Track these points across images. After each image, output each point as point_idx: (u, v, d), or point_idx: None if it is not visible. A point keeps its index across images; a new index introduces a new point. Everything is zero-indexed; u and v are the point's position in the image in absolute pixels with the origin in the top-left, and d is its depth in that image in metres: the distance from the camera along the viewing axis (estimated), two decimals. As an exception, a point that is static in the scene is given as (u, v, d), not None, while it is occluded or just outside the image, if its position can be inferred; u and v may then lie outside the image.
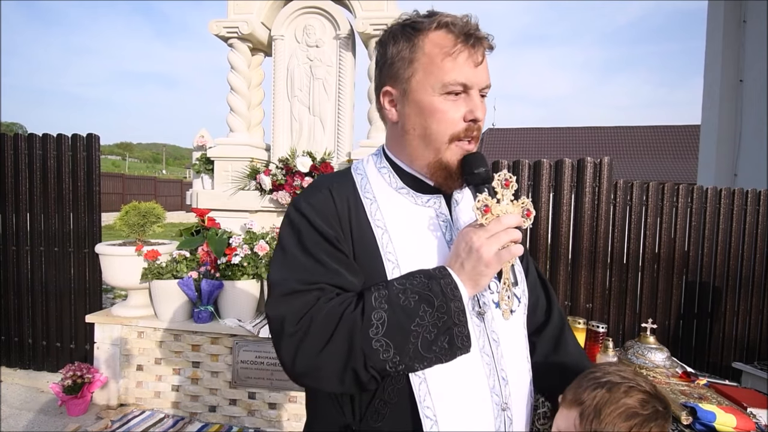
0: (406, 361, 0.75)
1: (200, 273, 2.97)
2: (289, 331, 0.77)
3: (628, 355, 1.86)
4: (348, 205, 0.86)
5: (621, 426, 0.74)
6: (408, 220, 0.87)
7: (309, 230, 0.83)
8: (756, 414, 1.46)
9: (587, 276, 3.13)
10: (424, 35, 0.83)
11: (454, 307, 0.76)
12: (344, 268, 0.82)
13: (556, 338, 1.00)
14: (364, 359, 0.73)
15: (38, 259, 3.49)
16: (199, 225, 3.23)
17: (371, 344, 0.73)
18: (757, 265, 3.49)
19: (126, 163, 58.65)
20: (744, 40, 6.21)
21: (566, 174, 3.10)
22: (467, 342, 0.77)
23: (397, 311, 0.75)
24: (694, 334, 3.46)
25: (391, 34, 0.87)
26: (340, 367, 0.75)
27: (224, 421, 2.87)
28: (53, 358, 3.51)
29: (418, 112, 0.84)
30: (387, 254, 0.83)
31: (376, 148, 0.99)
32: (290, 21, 3.40)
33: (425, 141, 0.85)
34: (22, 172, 3.48)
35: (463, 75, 0.81)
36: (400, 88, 0.86)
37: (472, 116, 0.82)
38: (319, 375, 0.76)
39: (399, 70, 0.85)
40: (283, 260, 0.85)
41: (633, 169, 22.62)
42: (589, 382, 0.80)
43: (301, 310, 0.77)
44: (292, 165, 3.20)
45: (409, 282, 0.78)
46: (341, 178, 0.92)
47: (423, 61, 0.82)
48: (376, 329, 0.74)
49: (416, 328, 0.75)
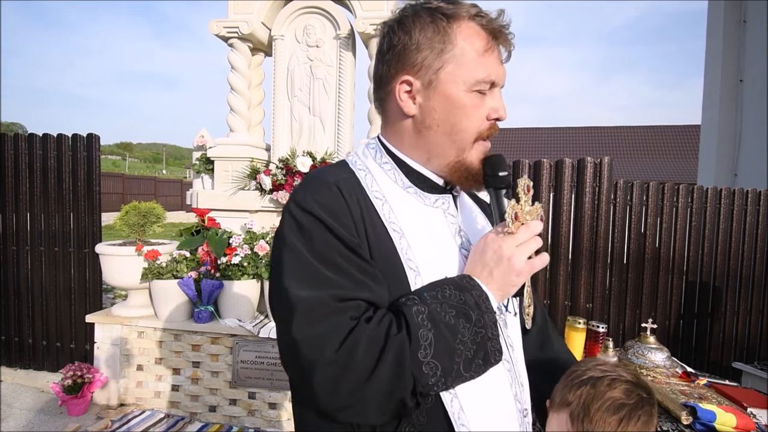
0: (449, 383, 0.68)
1: (200, 273, 2.97)
2: (329, 358, 0.65)
3: (628, 355, 1.87)
4: (359, 205, 0.76)
5: (610, 420, 0.75)
6: (420, 223, 0.80)
7: (324, 235, 0.72)
8: (756, 414, 1.46)
9: (587, 276, 3.13)
10: (458, 25, 0.76)
11: (488, 320, 0.72)
12: (371, 280, 0.72)
13: (541, 338, 0.98)
14: (414, 385, 0.66)
15: (38, 259, 3.49)
16: (199, 225, 3.23)
17: (422, 368, 0.66)
18: (757, 265, 3.49)
19: (126, 163, 58.64)
20: (744, 40, 6.21)
21: (566, 174, 3.10)
22: (500, 355, 0.73)
23: (441, 329, 0.68)
24: (694, 334, 3.46)
25: (415, 17, 0.78)
26: (386, 397, 0.66)
27: (224, 421, 2.87)
28: (53, 358, 3.51)
29: (446, 107, 0.77)
30: (408, 261, 0.75)
31: (370, 141, 0.89)
32: (290, 21, 3.40)
33: (451, 138, 0.79)
34: (22, 172, 3.48)
35: (494, 72, 0.77)
36: (424, 79, 0.77)
37: (497, 114, 0.79)
38: (363, 407, 0.66)
39: (427, 58, 0.76)
40: (300, 271, 0.71)
41: (633, 169, 22.62)
42: (572, 382, 0.81)
43: (340, 332, 0.66)
44: (293, 165, 3.20)
45: (441, 294, 0.72)
46: (342, 172, 0.82)
47: (455, 53, 0.76)
48: (425, 351, 0.66)
49: (459, 347, 0.69)
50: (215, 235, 3.09)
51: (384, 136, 0.86)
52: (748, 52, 6.12)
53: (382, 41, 0.82)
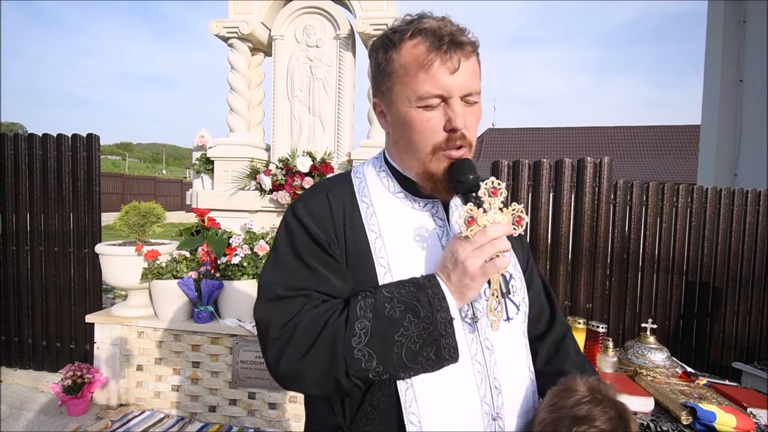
0: (390, 371, 0.75)
1: (200, 273, 2.97)
2: (274, 336, 0.79)
3: (628, 355, 1.87)
4: (344, 210, 0.87)
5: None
6: (403, 225, 0.87)
7: (302, 234, 0.84)
8: (756, 414, 1.46)
9: (587, 276, 3.13)
10: (400, 46, 0.81)
11: (440, 318, 0.76)
12: (333, 274, 0.83)
13: (557, 345, 0.99)
14: (345, 367, 0.74)
15: (38, 259, 3.49)
16: (199, 225, 3.23)
17: (353, 353, 0.74)
18: (757, 265, 3.49)
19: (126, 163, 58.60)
20: (744, 40, 6.20)
21: (566, 174, 3.10)
22: (455, 353, 0.77)
23: (381, 321, 0.76)
24: (694, 334, 3.45)
25: (374, 45, 0.87)
26: (321, 374, 0.76)
27: (224, 421, 2.87)
28: (53, 358, 3.51)
29: (399, 125, 0.85)
30: (379, 259, 0.83)
31: (378, 151, 0.99)
32: (290, 21, 3.40)
33: (409, 152, 0.85)
34: (22, 172, 3.48)
35: (437, 85, 0.79)
36: (384, 100, 0.87)
37: (451, 126, 0.80)
38: (301, 380, 0.78)
39: (381, 82, 0.86)
40: (274, 263, 0.86)
41: (633, 169, 22.62)
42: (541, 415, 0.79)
43: (285, 316, 0.79)
44: (292, 165, 3.20)
45: (398, 290, 0.78)
46: (340, 181, 0.93)
47: (399, 74, 0.82)
48: (359, 338, 0.75)
49: (400, 339, 0.75)
50: (215, 235, 3.09)
51: (385, 147, 0.97)
52: (748, 52, 6.12)
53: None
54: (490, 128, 28.61)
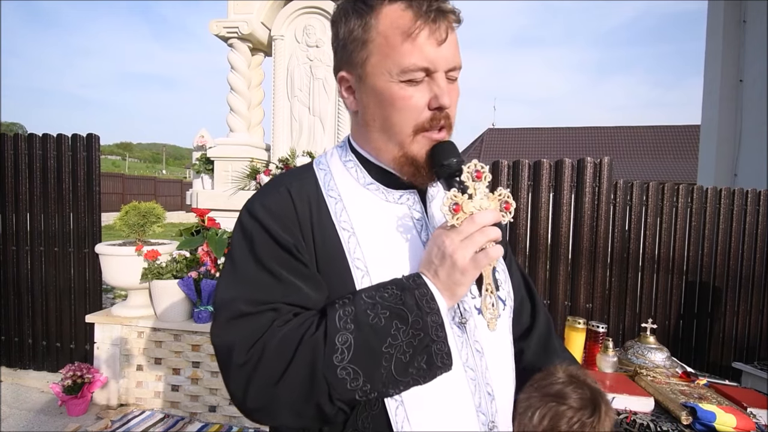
0: (379, 388, 0.65)
1: (200, 273, 2.97)
2: (238, 362, 0.66)
3: (628, 355, 1.87)
4: (309, 206, 0.75)
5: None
6: (378, 221, 0.76)
7: (263, 237, 0.72)
8: (756, 414, 1.46)
9: (587, 276, 3.13)
10: (378, 11, 0.71)
11: (431, 321, 0.67)
12: (304, 282, 0.71)
13: (543, 343, 0.92)
14: (328, 390, 0.64)
15: (38, 259, 3.49)
16: (199, 225, 3.23)
17: (336, 373, 0.64)
18: (757, 265, 3.49)
19: (126, 163, 58.62)
20: (744, 40, 6.20)
21: (566, 174, 3.10)
22: (447, 360, 0.68)
23: (365, 332, 0.65)
24: (694, 334, 3.46)
25: (341, 11, 0.75)
26: (300, 401, 0.65)
27: (224, 421, 2.87)
28: (53, 358, 3.51)
29: (376, 102, 0.74)
30: (355, 261, 0.73)
31: (343, 139, 0.87)
32: (290, 21, 3.40)
33: (387, 134, 0.75)
34: (22, 172, 3.48)
35: (424, 57, 0.69)
36: (355, 74, 0.75)
37: (437, 103, 0.71)
38: (275, 410, 0.66)
39: (353, 52, 0.74)
40: (232, 275, 0.73)
41: (633, 169, 22.62)
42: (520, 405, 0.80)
43: (251, 336, 0.67)
44: (292, 165, 3.20)
45: (380, 295, 0.68)
46: (302, 174, 0.81)
47: (378, 42, 0.71)
48: (341, 355, 0.64)
49: (388, 350, 0.65)
50: (215, 235, 3.09)
51: (350, 134, 0.85)
52: (748, 52, 6.12)
53: (331, 40, 0.80)
54: (490, 128, 28.61)
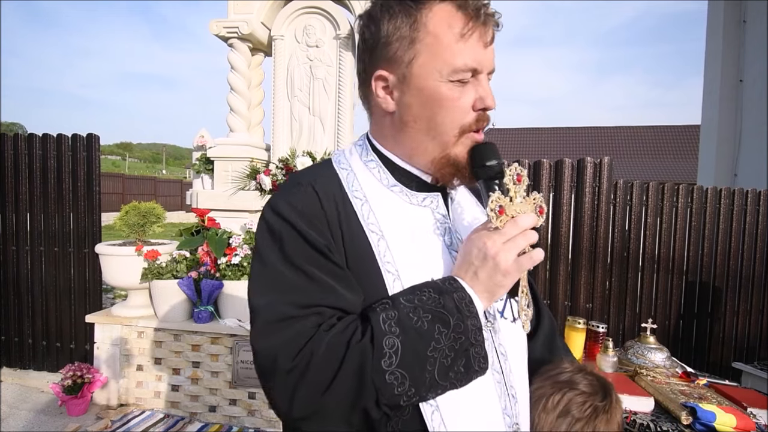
0: (422, 392, 0.65)
1: (200, 273, 2.97)
2: (285, 368, 0.64)
3: (628, 355, 1.87)
4: (336, 206, 0.73)
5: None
6: (404, 223, 0.75)
7: (294, 238, 0.70)
8: (756, 414, 1.46)
9: (587, 276, 3.13)
10: (428, 10, 0.70)
11: (471, 325, 0.67)
12: (338, 283, 0.69)
13: (548, 344, 0.93)
14: (376, 395, 0.63)
15: (38, 259, 3.49)
16: (199, 225, 3.23)
17: (384, 378, 0.62)
18: (757, 265, 3.49)
19: (126, 163, 58.59)
20: (744, 40, 6.20)
21: (566, 174, 3.10)
22: (485, 364, 0.68)
23: (410, 335, 0.64)
24: (694, 334, 3.46)
25: (384, 7, 0.73)
26: (347, 408, 0.64)
27: (224, 421, 2.87)
28: (53, 358, 3.51)
29: (422, 102, 0.72)
30: (386, 264, 0.71)
31: (359, 138, 0.85)
32: (290, 21, 3.40)
33: (431, 134, 0.74)
34: (22, 172, 3.48)
35: (474, 58, 0.70)
36: (398, 73, 0.73)
37: (483, 104, 0.72)
38: (323, 418, 0.64)
39: (397, 51, 0.72)
40: (265, 277, 0.71)
41: (633, 169, 22.61)
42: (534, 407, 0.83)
43: (297, 341, 0.65)
44: (292, 165, 3.20)
45: (418, 298, 0.67)
46: (322, 172, 0.79)
47: (427, 41, 0.70)
48: (390, 359, 0.63)
49: (432, 354, 0.64)
50: (215, 235, 3.10)
51: (371, 134, 0.83)
52: (748, 52, 6.12)
53: (360, 36, 0.78)
54: (491, 128, 28.41)
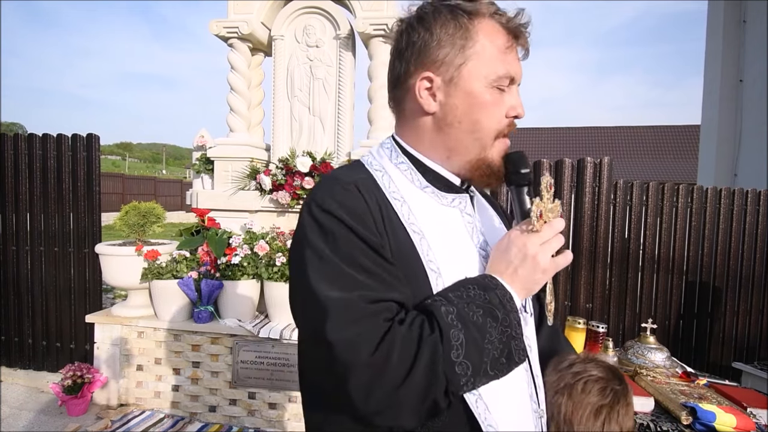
0: (477, 382, 0.68)
1: (200, 273, 2.97)
2: (365, 361, 0.64)
3: (628, 355, 1.87)
4: (378, 206, 0.75)
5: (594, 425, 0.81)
6: (439, 223, 0.79)
7: (346, 234, 0.71)
8: (756, 414, 1.46)
9: (587, 276, 3.13)
10: (479, 21, 0.76)
11: (513, 319, 0.72)
12: (397, 281, 0.72)
13: (551, 335, 1.00)
14: (446, 386, 0.66)
15: (38, 259, 3.49)
16: (199, 225, 3.23)
17: (454, 368, 0.66)
18: (757, 265, 3.49)
19: (126, 163, 58.58)
20: (744, 40, 6.20)
21: (566, 174, 3.10)
22: (524, 355, 0.73)
23: (470, 329, 0.68)
24: (694, 334, 3.46)
25: (436, 13, 0.77)
26: (419, 400, 0.66)
27: (224, 421, 2.87)
28: (53, 358, 3.51)
29: (468, 104, 0.77)
30: (428, 262, 0.75)
31: (384, 141, 0.88)
32: (290, 21, 3.40)
33: (473, 135, 0.79)
34: (22, 172, 3.48)
35: (513, 69, 0.78)
36: (445, 75, 0.77)
37: (515, 112, 0.79)
38: (398, 411, 0.66)
39: (448, 55, 0.76)
40: (326, 272, 0.70)
41: (633, 169, 22.62)
42: (548, 390, 0.85)
43: (375, 334, 0.65)
44: (292, 165, 3.20)
45: (466, 294, 0.72)
46: (358, 172, 0.81)
47: (476, 49, 0.76)
48: (457, 351, 0.66)
49: (488, 346, 0.69)
50: (215, 235, 3.09)
51: (399, 136, 0.86)
52: (748, 52, 6.12)
53: (400, 38, 0.81)
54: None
